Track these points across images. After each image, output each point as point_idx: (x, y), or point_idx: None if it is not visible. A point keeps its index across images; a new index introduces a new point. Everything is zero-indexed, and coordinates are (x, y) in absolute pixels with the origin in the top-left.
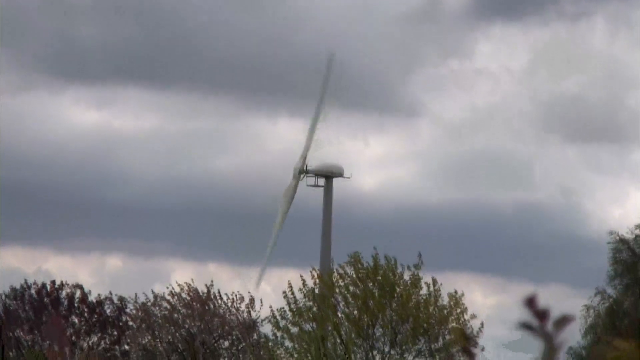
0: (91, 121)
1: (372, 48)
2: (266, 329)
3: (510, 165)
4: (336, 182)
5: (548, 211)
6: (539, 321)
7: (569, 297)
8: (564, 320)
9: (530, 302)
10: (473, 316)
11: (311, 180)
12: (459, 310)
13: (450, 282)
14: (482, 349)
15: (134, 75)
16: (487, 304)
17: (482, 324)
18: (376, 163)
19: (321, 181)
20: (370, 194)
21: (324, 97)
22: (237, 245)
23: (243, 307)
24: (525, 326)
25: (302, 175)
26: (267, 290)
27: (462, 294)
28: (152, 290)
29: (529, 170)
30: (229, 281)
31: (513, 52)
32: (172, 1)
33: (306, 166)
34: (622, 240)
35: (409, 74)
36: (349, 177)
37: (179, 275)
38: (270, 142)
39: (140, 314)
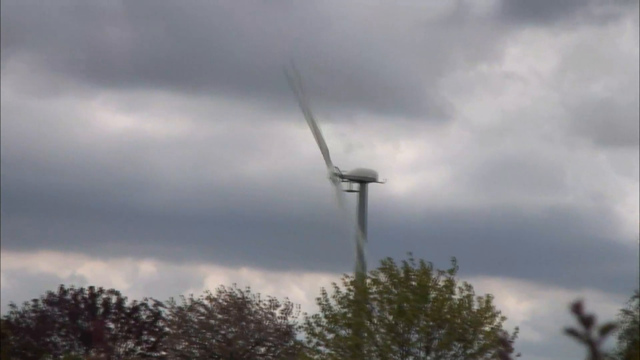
0: (121, 125)
1: (402, 52)
2: (301, 335)
3: (541, 169)
4: (370, 187)
5: (579, 216)
6: (584, 327)
7: (600, 302)
8: (608, 328)
9: (577, 308)
10: (503, 318)
11: (345, 185)
12: (489, 314)
13: (483, 287)
14: (519, 355)
15: (164, 79)
16: (520, 309)
17: (517, 329)
18: (408, 167)
19: (355, 186)
20: (402, 199)
21: (303, 104)
22: (269, 250)
23: (278, 313)
24: (571, 332)
25: (338, 179)
26: (300, 296)
27: (492, 297)
28: (183, 296)
29: (560, 174)
30: (261, 286)
31: (542, 55)
32: (202, 5)
33: (337, 169)
34: None
35: (439, 78)
36: (383, 182)
37: (212, 280)
38: (301, 146)
39: (176, 319)
